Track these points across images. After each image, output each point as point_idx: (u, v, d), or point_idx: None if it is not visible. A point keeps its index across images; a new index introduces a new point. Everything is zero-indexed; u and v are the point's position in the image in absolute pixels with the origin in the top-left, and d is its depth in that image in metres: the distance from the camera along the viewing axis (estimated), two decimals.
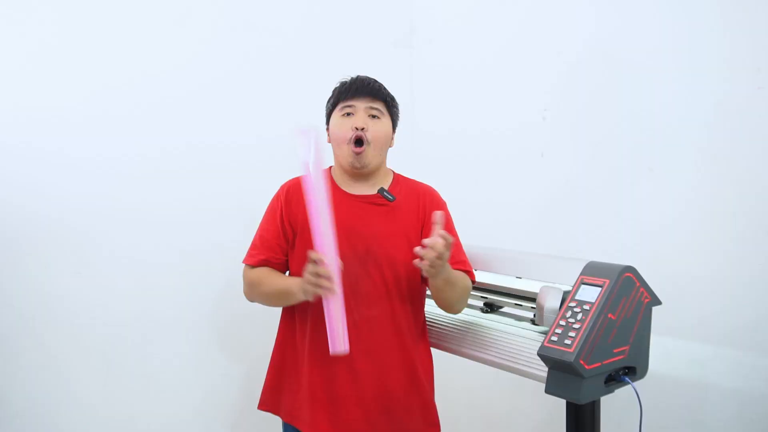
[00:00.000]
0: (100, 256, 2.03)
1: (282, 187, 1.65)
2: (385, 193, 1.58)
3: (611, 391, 1.36)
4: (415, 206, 1.61)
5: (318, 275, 1.36)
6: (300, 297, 1.45)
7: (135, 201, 2.07)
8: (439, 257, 1.36)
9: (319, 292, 1.37)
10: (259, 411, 1.66)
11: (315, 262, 1.37)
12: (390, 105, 1.61)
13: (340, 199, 1.57)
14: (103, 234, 2.03)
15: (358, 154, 1.54)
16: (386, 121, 1.59)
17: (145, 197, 2.08)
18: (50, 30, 1.96)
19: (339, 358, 1.52)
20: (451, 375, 2.25)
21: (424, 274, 1.42)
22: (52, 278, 1.98)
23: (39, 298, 1.96)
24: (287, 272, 1.64)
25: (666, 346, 1.78)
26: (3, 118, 1.91)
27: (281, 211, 1.60)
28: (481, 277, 1.69)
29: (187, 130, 2.15)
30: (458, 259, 1.59)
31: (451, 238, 1.37)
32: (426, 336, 1.67)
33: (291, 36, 2.33)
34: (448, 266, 1.46)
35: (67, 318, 2.00)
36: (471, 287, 1.60)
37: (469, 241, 1.76)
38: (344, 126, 1.56)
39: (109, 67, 2.03)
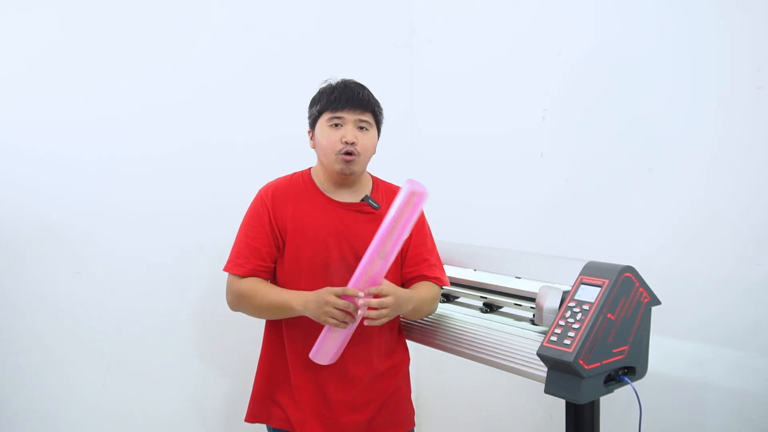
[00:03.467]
0: (99, 256, 2.03)
1: (264, 192, 1.60)
2: (370, 201, 1.56)
3: (611, 391, 1.36)
4: None
5: (345, 312, 1.38)
6: (301, 313, 1.46)
7: (134, 201, 2.07)
8: (381, 309, 1.39)
9: (337, 324, 1.40)
10: (249, 421, 1.66)
11: (348, 296, 1.39)
12: (377, 114, 1.59)
13: (326, 205, 1.58)
14: (102, 234, 2.03)
15: (347, 162, 1.52)
16: (373, 132, 1.58)
17: (144, 197, 2.08)
18: (50, 30, 1.95)
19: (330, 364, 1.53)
20: (450, 375, 2.25)
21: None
22: (51, 278, 1.97)
23: (38, 298, 1.96)
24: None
25: (665, 346, 1.78)
26: (3, 118, 1.91)
27: (269, 216, 1.56)
28: (480, 277, 1.69)
29: (189, 130, 2.15)
30: (430, 263, 1.61)
31: (375, 290, 1.39)
32: (404, 339, 1.71)
33: (291, 36, 2.33)
34: (406, 298, 1.47)
35: (66, 317, 2.00)
36: (438, 295, 1.63)
37: (469, 241, 1.76)
38: (332, 137, 1.53)
39: (110, 68, 2.03)
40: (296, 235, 1.55)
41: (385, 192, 1.64)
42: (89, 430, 2.04)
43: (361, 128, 1.54)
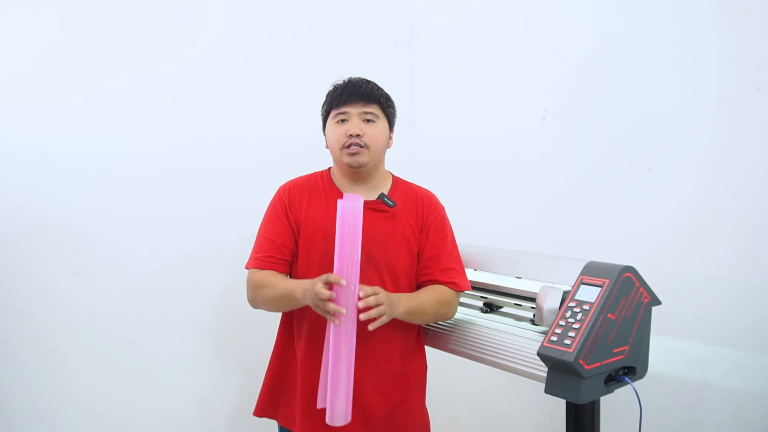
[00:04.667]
0: (99, 256, 2.03)
1: (282, 189, 1.62)
2: (385, 199, 1.56)
3: (611, 391, 1.36)
4: (415, 211, 1.60)
5: (324, 302, 1.34)
6: (304, 302, 1.44)
7: (135, 201, 2.07)
8: (378, 306, 1.36)
9: (324, 314, 1.37)
10: (257, 415, 1.66)
11: (326, 283, 1.34)
12: (385, 106, 1.58)
13: None
14: (102, 234, 2.03)
15: (353, 154, 1.52)
16: (382, 123, 1.57)
17: (145, 197, 2.08)
18: (51, 30, 1.96)
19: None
20: (450, 376, 2.25)
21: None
22: (51, 278, 1.97)
23: (38, 298, 1.96)
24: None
25: (666, 346, 1.78)
26: (3, 117, 1.91)
27: (286, 210, 1.57)
28: (480, 277, 1.69)
29: (189, 130, 2.14)
30: (446, 266, 1.57)
31: (370, 290, 1.36)
32: (422, 341, 1.67)
33: (291, 36, 2.33)
34: (401, 300, 1.44)
35: (66, 318, 2.00)
36: (452, 299, 1.57)
37: (470, 241, 1.75)
38: (338, 132, 1.53)
39: (110, 67, 2.03)
40: (308, 231, 1.55)
41: (404, 191, 1.62)
42: (89, 430, 2.04)
43: (368, 121, 1.54)
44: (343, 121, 1.54)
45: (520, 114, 2.27)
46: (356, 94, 1.53)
